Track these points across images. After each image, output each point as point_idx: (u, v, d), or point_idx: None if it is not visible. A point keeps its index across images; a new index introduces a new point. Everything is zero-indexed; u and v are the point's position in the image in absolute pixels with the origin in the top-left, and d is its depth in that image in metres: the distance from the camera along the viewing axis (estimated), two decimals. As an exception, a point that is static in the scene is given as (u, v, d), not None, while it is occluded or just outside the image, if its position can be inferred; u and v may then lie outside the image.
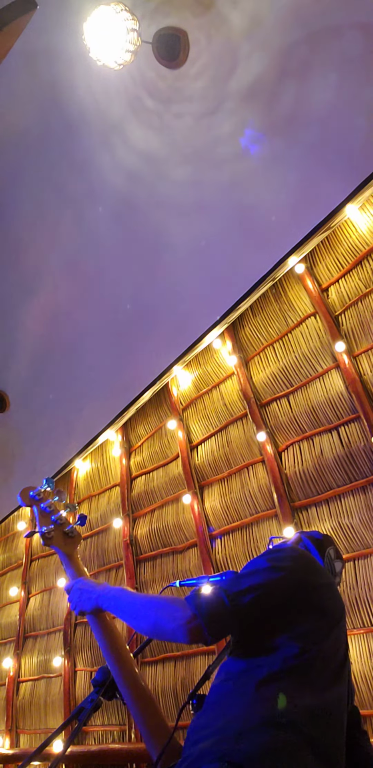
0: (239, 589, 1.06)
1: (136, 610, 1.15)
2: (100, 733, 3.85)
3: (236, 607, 1.04)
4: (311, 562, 1.23)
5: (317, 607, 1.10)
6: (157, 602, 1.12)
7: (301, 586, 1.12)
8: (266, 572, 1.11)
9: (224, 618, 1.03)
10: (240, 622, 1.07)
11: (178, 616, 1.04)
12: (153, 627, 1.09)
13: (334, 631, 1.10)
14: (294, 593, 1.10)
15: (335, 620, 1.12)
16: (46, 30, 2.77)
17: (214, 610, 1.02)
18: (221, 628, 1.04)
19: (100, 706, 1.24)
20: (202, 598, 1.04)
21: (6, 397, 4.79)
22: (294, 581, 1.13)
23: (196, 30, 2.73)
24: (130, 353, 4.08)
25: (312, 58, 2.71)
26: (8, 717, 4.62)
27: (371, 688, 2.61)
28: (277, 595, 1.09)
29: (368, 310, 3.16)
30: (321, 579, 1.18)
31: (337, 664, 1.07)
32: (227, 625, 1.06)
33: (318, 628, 1.07)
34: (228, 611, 1.03)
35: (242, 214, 3.29)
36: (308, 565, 1.20)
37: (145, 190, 3.36)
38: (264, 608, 1.07)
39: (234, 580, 1.10)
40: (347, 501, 2.99)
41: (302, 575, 1.15)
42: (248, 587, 1.06)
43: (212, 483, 3.76)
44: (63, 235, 3.68)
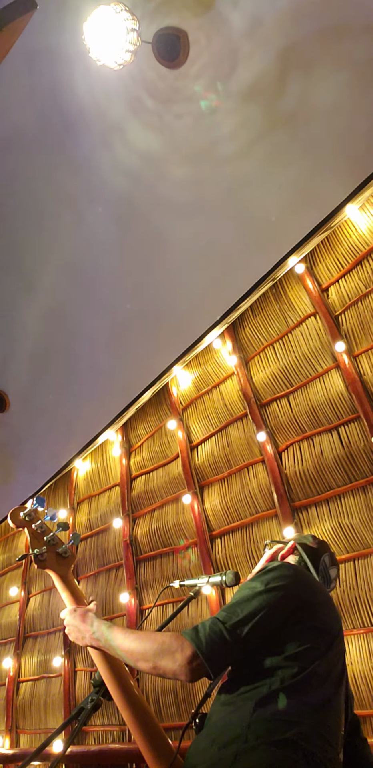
0: (238, 620, 1.06)
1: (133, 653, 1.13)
2: (100, 733, 3.85)
3: (237, 640, 1.04)
4: (306, 579, 1.22)
5: (313, 627, 1.11)
6: (155, 644, 1.10)
7: (298, 606, 1.13)
8: (262, 596, 1.11)
9: (225, 654, 1.04)
10: (241, 652, 1.07)
11: (179, 657, 1.03)
12: (153, 669, 1.08)
13: (332, 647, 1.10)
14: (291, 614, 1.11)
15: (332, 636, 1.12)
16: (46, 30, 2.76)
17: (215, 648, 1.02)
18: (224, 664, 1.06)
19: (100, 706, 1.24)
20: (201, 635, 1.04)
21: (6, 397, 4.78)
22: (291, 601, 1.13)
23: (196, 30, 2.73)
24: (130, 353, 4.08)
25: (312, 58, 2.71)
26: (8, 717, 4.62)
27: (371, 688, 2.61)
28: (275, 618, 1.10)
29: (368, 310, 3.16)
30: (317, 597, 1.18)
31: (335, 678, 1.08)
32: (228, 659, 1.07)
33: (315, 646, 1.08)
34: (229, 645, 1.03)
35: (242, 214, 3.29)
36: (304, 584, 1.20)
37: (145, 190, 3.36)
38: (263, 633, 1.08)
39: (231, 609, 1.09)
40: (347, 501, 2.99)
41: (298, 594, 1.15)
42: (245, 616, 1.07)
43: (212, 483, 3.76)
44: (63, 235, 3.67)
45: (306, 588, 1.18)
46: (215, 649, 1.02)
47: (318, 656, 1.06)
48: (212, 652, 1.02)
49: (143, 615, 3.85)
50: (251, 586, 1.16)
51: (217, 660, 1.02)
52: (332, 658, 1.09)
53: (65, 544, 1.50)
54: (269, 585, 1.13)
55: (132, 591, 3.94)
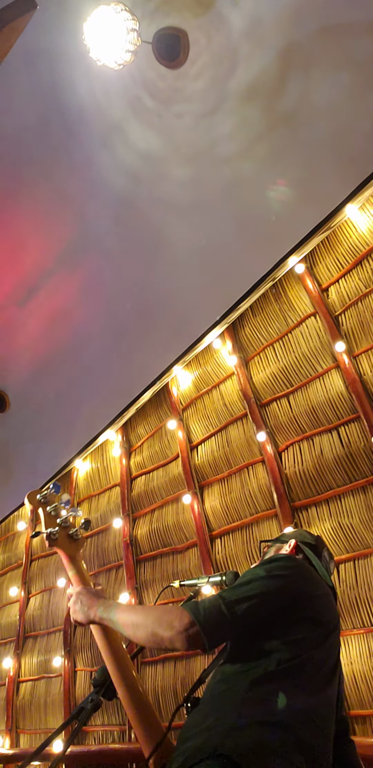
0: (237, 598, 1.09)
1: (133, 622, 1.16)
2: (100, 733, 3.85)
3: (234, 617, 1.06)
4: (308, 572, 1.25)
5: (311, 617, 1.13)
6: (155, 612, 1.14)
7: (297, 597, 1.15)
8: (263, 581, 1.14)
9: (222, 627, 1.06)
10: (238, 631, 1.09)
11: (177, 624, 1.05)
12: (151, 636, 1.10)
13: (328, 639, 1.13)
14: (290, 603, 1.14)
15: (329, 630, 1.15)
16: (46, 30, 2.77)
17: (213, 619, 1.05)
18: (220, 637, 1.07)
19: (100, 706, 1.24)
20: (201, 607, 1.07)
21: (6, 397, 4.78)
22: (290, 591, 1.16)
23: (196, 30, 2.73)
24: (130, 353, 4.08)
25: (313, 58, 2.71)
26: (8, 717, 4.62)
27: (371, 688, 2.61)
28: (273, 604, 1.12)
29: (368, 310, 3.16)
30: (317, 590, 1.20)
31: (328, 670, 1.10)
32: (225, 633, 1.09)
33: (312, 636, 1.10)
34: (227, 620, 1.05)
35: (242, 214, 3.29)
36: (305, 575, 1.23)
37: (145, 190, 3.36)
38: (260, 616, 1.10)
39: (232, 589, 1.12)
40: (347, 501, 2.99)
41: (298, 586, 1.18)
42: (245, 596, 1.09)
43: (212, 483, 3.76)
44: (63, 235, 3.68)
45: (307, 580, 1.21)
46: (213, 622, 1.04)
47: (314, 646, 1.09)
48: (209, 624, 1.04)
49: (143, 615, 3.85)
50: (254, 572, 1.19)
51: (213, 632, 1.04)
52: (327, 649, 1.12)
53: (76, 528, 1.59)
54: (272, 572, 1.16)
55: (132, 591, 3.94)
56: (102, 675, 1.31)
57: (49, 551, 5.10)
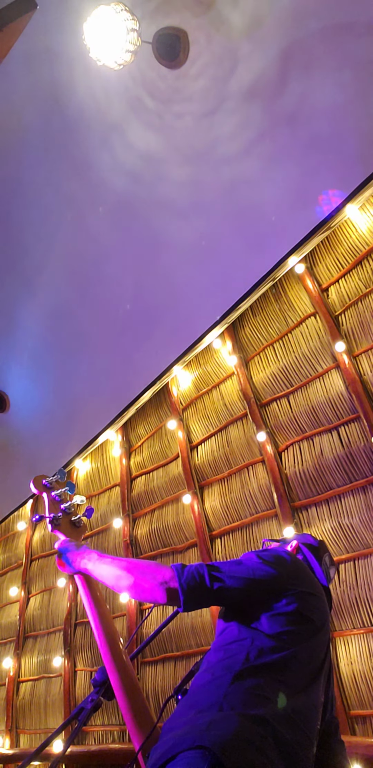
0: (223, 572, 1.12)
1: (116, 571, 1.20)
2: (100, 733, 3.85)
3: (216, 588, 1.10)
4: (302, 569, 1.26)
5: (299, 612, 1.14)
6: (139, 564, 1.19)
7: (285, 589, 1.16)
8: (253, 565, 1.16)
9: (200, 592, 1.09)
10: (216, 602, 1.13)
11: (159, 576, 1.11)
12: (133, 585, 1.14)
13: (314, 637, 1.13)
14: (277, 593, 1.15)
15: (316, 628, 1.15)
16: (46, 30, 2.76)
17: (193, 582, 1.09)
18: (196, 601, 1.10)
19: (100, 706, 1.24)
20: (186, 568, 1.11)
21: (6, 397, 4.78)
22: (278, 582, 1.17)
23: (196, 30, 2.73)
24: (131, 353, 4.08)
25: (313, 58, 2.71)
26: (8, 717, 4.62)
27: (371, 688, 2.61)
28: (258, 590, 1.14)
29: (368, 310, 3.16)
30: (307, 587, 1.21)
31: (313, 668, 1.10)
32: (202, 600, 1.12)
33: (298, 632, 1.11)
34: (206, 588, 1.10)
35: (242, 214, 3.29)
36: (297, 571, 1.24)
37: (145, 190, 3.36)
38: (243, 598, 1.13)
39: (221, 564, 1.16)
40: (347, 501, 2.99)
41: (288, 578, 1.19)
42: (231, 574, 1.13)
43: (212, 483, 3.76)
44: (63, 235, 3.68)
45: (298, 576, 1.22)
46: (192, 584, 1.08)
47: (299, 641, 1.09)
48: (189, 585, 1.08)
49: (143, 615, 3.85)
50: (247, 556, 1.22)
51: (191, 593, 1.08)
52: (312, 647, 1.12)
53: (79, 515, 1.63)
54: (264, 560, 1.19)
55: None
56: (102, 675, 1.31)
57: (49, 551, 5.10)
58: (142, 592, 1.13)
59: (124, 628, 3.96)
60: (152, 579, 1.11)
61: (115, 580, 1.20)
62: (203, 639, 3.40)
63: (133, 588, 1.14)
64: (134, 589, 1.14)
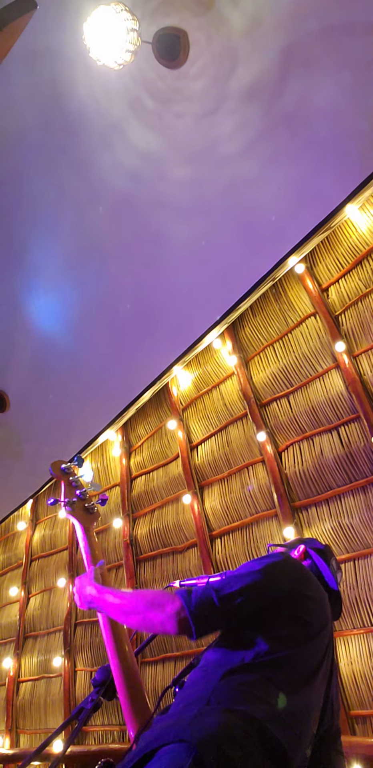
0: (231, 591, 1.10)
1: (126, 606, 1.18)
2: (100, 733, 3.85)
3: (225, 608, 1.08)
4: (304, 572, 1.25)
5: (298, 616, 1.13)
6: (148, 595, 1.16)
7: (286, 594, 1.16)
8: (256, 575, 1.14)
9: (211, 616, 1.07)
10: (227, 622, 1.12)
11: (168, 608, 1.08)
12: (143, 619, 1.12)
13: (312, 641, 1.13)
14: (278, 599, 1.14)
15: (314, 631, 1.14)
16: (46, 30, 2.76)
17: (203, 607, 1.06)
18: (208, 626, 1.09)
19: (100, 706, 1.24)
20: (192, 594, 1.09)
21: (6, 397, 4.78)
22: (281, 588, 1.16)
23: (196, 30, 2.73)
24: (131, 353, 4.08)
25: (313, 58, 2.71)
26: (8, 717, 4.62)
27: (371, 688, 2.61)
28: (263, 599, 1.13)
29: (368, 310, 3.16)
30: (309, 591, 1.20)
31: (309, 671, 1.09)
32: (214, 623, 1.11)
33: (295, 635, 1.10)
34: (216, 611, 1.07)
35: (242, 214, 3.29)
36: (299, 575, 1.23)
37: (145, 190, 3.36)
38: (250, 611, 1.11)
39: (226, 581, 1.13)
40: (347, 501, 2.99)
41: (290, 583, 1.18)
42: (238, 590, 1.10)
43: (212, 483, 3.76)
44: (63, 235, 3.68)
45: (300, 579, 1.21)
46: (202, 610, 1.06)
47: (295, 645, 1.09)
48: (199, 612, 1.06)
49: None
50: (249, 565, 1.20)
51: (202, 620, 1.06)
52: (310, 650, 1.11)
53: (93, 502, 1.67)
54: (266, 567, 1.17)
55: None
56: (102, 675, 1.31)
57: (48, 551, 5.10)
58: (152, 627, 1.11)
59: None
60: (161, 611, 1.09)
61: (124, 616, 1.19)
62: (203, 639, 3.39)
63: (143, 624, 1.12)
64: (144, 625, 1.12)
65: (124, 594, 1.22)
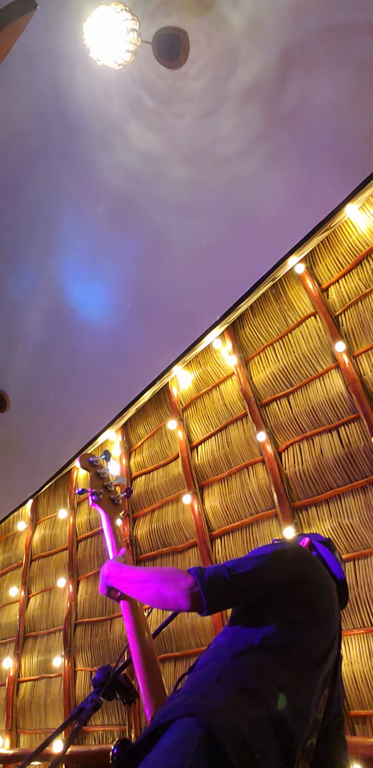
0: (242, 571, 1.13)
1: (140, 581, 1.22)
2: (100, 733, 3.85)
3: (236, 585, 1.11)
4: (313, 560, 1.29)
5: (306, 601, 1.17)
6: (162, 571, 1.20)
7: (296, 578, 1.19)
8: (266, 558, 1.19)
9: (222, 593, 1.10)
10: (237, 600, 1.16)
11: (181, 583, 1.11)
12: (156, 594, 1.15)
13: (319, 627, 1.16)
14: (288, 583, 1.18)
15: (321, 617, 1.18)
16: (46, 30, 2.76)
17: (214, 583, 1.09)
18: (219, 602, 1.11)
19: (100, 706, 1.24)
20: (205, 571, 1.12)
21: (6, 397, 4.78)
22: (291, 571, 1.20)
23: (196, 30, 2.73)
24: (131, 353, 4.08)
25: (313, 58, 2.71)
26: (8, 717, 4.62)
27: (371, 688, 2.61)
28: (273, 581, 1.17)
29: (368, 310, 3.16)
30: (317, 578, 1.24)
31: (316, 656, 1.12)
32: (224, 600, 1.13)
33: (303, 620, 1.13)
34: (228, 588, 1.10)
35: (242, 214, 3.29)
36: (309, 561, 1.27)
37: (145, 190, 3.35)
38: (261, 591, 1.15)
39: (237, 561, 1.17)
40: (347, 501, 2.99)
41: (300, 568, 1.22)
42: (249, 570, 1.14)
43: (212, 483, 3.76)
44: (63, 235, 3.68)
45: (309, 566, 1.25)
46: (214, 586, 1.09)
47: (303, 629, 1.12)
48: (211, 587, 1.08)
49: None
50: (261, 549, 1.24)
51: (214, 596, 1.08)
52: (317, 635, 1.14)
53: (118, 494, 1.75)
54: (276, 551, 1.22)
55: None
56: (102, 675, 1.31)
57: (48, 551, 5.11)
58: (165, 601, 1.14)
59: (124, 628, 3.95)
60: (175, 586, 1.12)
61: (139, 590, 1.22)
62: (203, 639, 3.40)
63: (157, 598, 1.15)
64: (158, 599, 1.15)
65: (140, 570, 1.27)
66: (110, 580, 1.34)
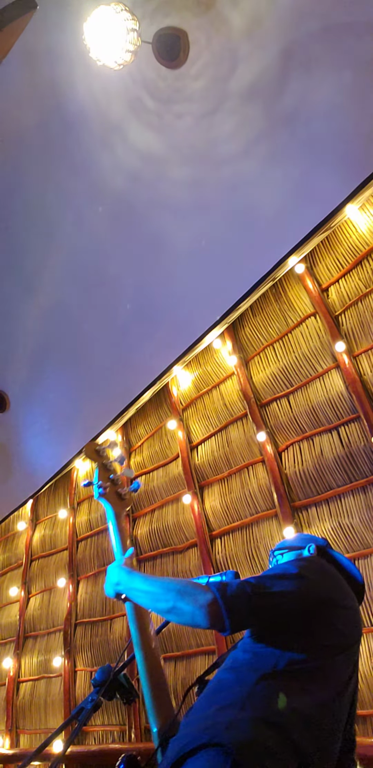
0: (265, 592, 1.06)
1: (155, 592, 1.14)
2: (100, 733, 3.85)
3: (259, 609, 1.05)
4: (338, 580, 1.22)
5: (333, 626, 1.11)
6: (179, 584, 1.11)
7: (322, 602, 1.13)
8: (293, 580, 1.11)
9: (245, 613, 1.04)
10: (260, 622, 1.08)
11: (200, 599, 1.03)
12: (172, 608, 1.07)
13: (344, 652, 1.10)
14: (315, 606, 1.11)
15: (348, 643, 1.12)
16: (46, 30, 2.76)
17: (237, 603, 1.02)
18: (241, 621, 1.05)
19: (100, 706, 1.24)
20: (227, 588, 1.05)
21: (6, 397, 4.78)
22: (318, 595, 1.13)
23: (196, 30, 2.73)
24: (131, 353, 4.08)
25: (313, 58, 2.71)
26: (8, 717, 4.62)
27: (371, 688, 2.61)
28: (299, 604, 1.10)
29: (368, 310, 3.16)
30: (344, 600, 1.18)
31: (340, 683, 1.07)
32: (247, 620, 1.07)
33: (329, 644, 1.08)
34: (252, 608, 1.04)
35: (242, 214, 3.29)
36: (335, 583, 1.20)
37: (145, 190, 3.36)
38: (285, 614, 1.08)
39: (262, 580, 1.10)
40: (347, 501, 2.99)
41: (327, 591, 1.15)
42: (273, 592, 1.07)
43: (212, 483, 3.76)
44: (63, 235, 3.67)
45: (336, 588, 1.19)
46: (236, 606, 1.02)
47: (330, 655, 1.06)
48: (233, 607, 1.01)
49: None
50: (285, 567, 1.17)
51: (235, 615, 1.01)
52: (342, 662, 1.09)
53: (126, 488, 1.66)
54: (302, 572, 1.14)
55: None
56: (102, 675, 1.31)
57: (48, 551, 5.10)
58: (181, 617, 1.06)
59: (124, 628, 3.96)
60: (193, 602, 1.04)
61: (152, 602, 1.15)
62: (203, 639, 3.40)
63: (173, 613, 1.08)
64: (174, 614, 1.08)
65: (154, 580, 1.18)
66: (120, 587, 1.27)
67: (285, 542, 1.55)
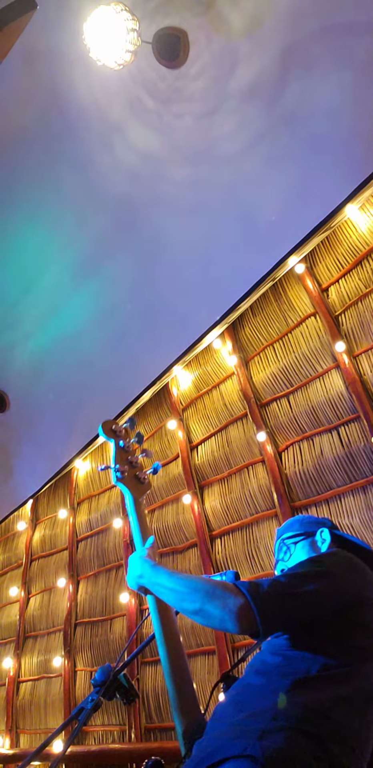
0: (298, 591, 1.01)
1: (181, 591, 1.08)
2: (100, 733, 3.84)
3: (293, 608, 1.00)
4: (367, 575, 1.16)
5: (366, 625, 1.05)
6: (206, 585, 1.04)
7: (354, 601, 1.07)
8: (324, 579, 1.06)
9: (279, 615, 0.98)
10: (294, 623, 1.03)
11: (230, 602, 0.97)
12: (199, 610, 1.01)
13: None
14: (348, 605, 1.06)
15: None
16: (46, 30, 2.76)
17: (270, 605, 0.97)
18: (276, 626, 1.00)
19: (100, 706, 1.24)
20: (259, 587, 0.99)
21: (6, 397, 4.79)
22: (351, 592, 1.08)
23: (196, 30, 2.73)
24: (130, 353, 4.08)
25: (312, 58, 2.71)
26: (8, 717, 4.62)
27: None
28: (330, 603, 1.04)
29: (368, 310, 3.16)
30: None
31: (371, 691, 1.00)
32: (282, 623, 1.02)
33: (365, 646, 1.02)
34: (284, 612, 0.99)
35: (242, 214, 3.29)
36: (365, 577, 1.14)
37: (145, 190, 3.36)
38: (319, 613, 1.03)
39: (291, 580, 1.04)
40: (347, 501, 2.99)
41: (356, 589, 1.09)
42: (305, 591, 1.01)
43: (212, 483, 3.76)
44: (63, 235, 3.68)
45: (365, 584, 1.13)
46: (270, 609, 0.95)
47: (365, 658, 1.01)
48: (266, 610, 0.94)
49: (143, 615, 3.85)
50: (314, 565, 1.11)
51: (270, 619, 0.95)
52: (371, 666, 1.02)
53: (145, 471, 1.54)
54: (333, 569, 1.09)
55: (132, 591, 3.94)
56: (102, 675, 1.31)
57: (48, 551, 5.10)
58: (208, 620, 1.00)
59: (124, 628, 3.96)
60: (222, 606, 0.97)
61: (178, 601, 1.08)
62: (203, 639, 3.40)
63: (199, 615, 1.01)
64: (200, 616, 1.01)
65: (180, 578, 1.12)
66: (143, 580, 1.22)
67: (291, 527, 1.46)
